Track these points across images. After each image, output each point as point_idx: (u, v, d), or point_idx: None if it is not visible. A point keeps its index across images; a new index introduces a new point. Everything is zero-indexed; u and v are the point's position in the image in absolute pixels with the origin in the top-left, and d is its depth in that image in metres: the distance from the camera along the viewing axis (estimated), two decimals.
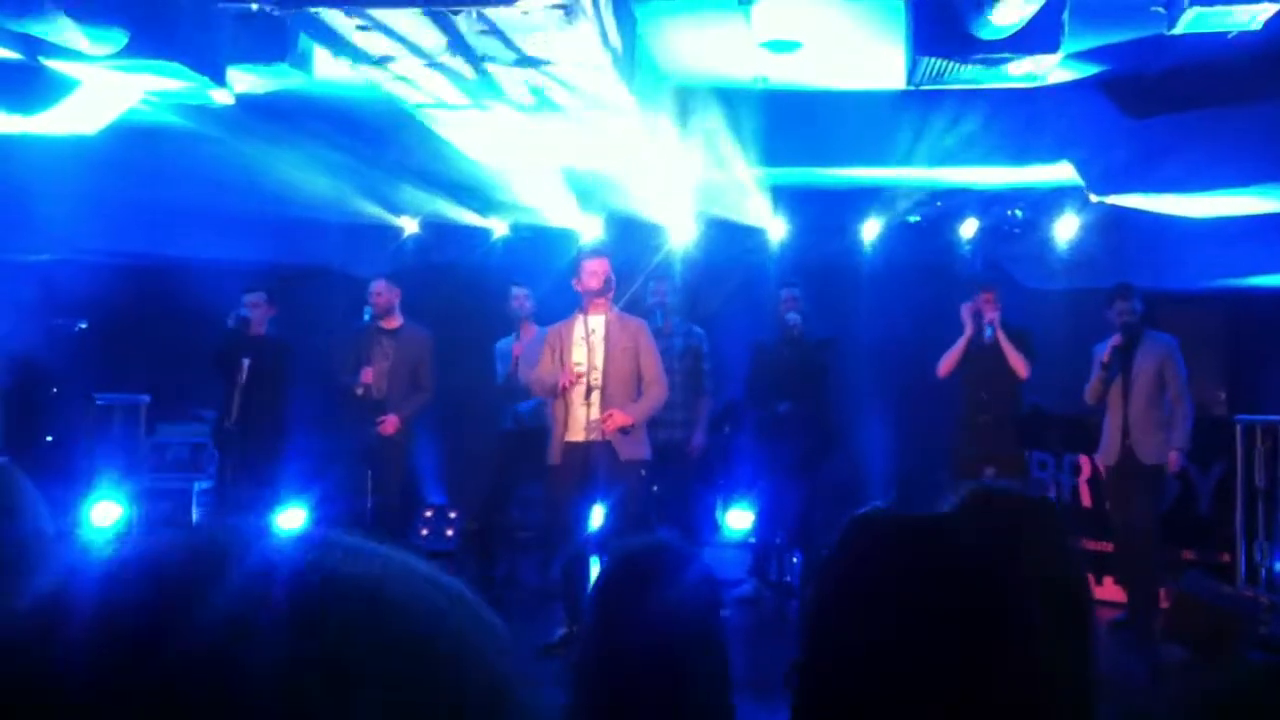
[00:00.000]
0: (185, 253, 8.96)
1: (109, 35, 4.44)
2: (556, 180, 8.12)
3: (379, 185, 8.51)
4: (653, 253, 8.98)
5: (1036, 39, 4.18)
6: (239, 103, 5.74)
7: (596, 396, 6.00)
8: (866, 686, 1.01)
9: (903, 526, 1.11)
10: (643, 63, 6.02)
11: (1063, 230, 8.80)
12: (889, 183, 8.40)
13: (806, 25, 5.81)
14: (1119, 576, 7.19)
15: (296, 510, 7.88)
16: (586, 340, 6.09)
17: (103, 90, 5.57)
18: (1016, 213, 9.05)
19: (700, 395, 7.75)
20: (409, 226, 9.68)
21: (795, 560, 7.65)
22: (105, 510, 8.46)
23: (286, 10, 4.26)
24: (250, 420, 7.14)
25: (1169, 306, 8.48)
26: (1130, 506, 6.71)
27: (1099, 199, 7.45)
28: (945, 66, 4.42)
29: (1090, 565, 7.61)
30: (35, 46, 4.69)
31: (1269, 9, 3.86)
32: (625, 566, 1.92)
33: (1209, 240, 8.11)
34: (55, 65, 4.93)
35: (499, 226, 9.67)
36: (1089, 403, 6.97)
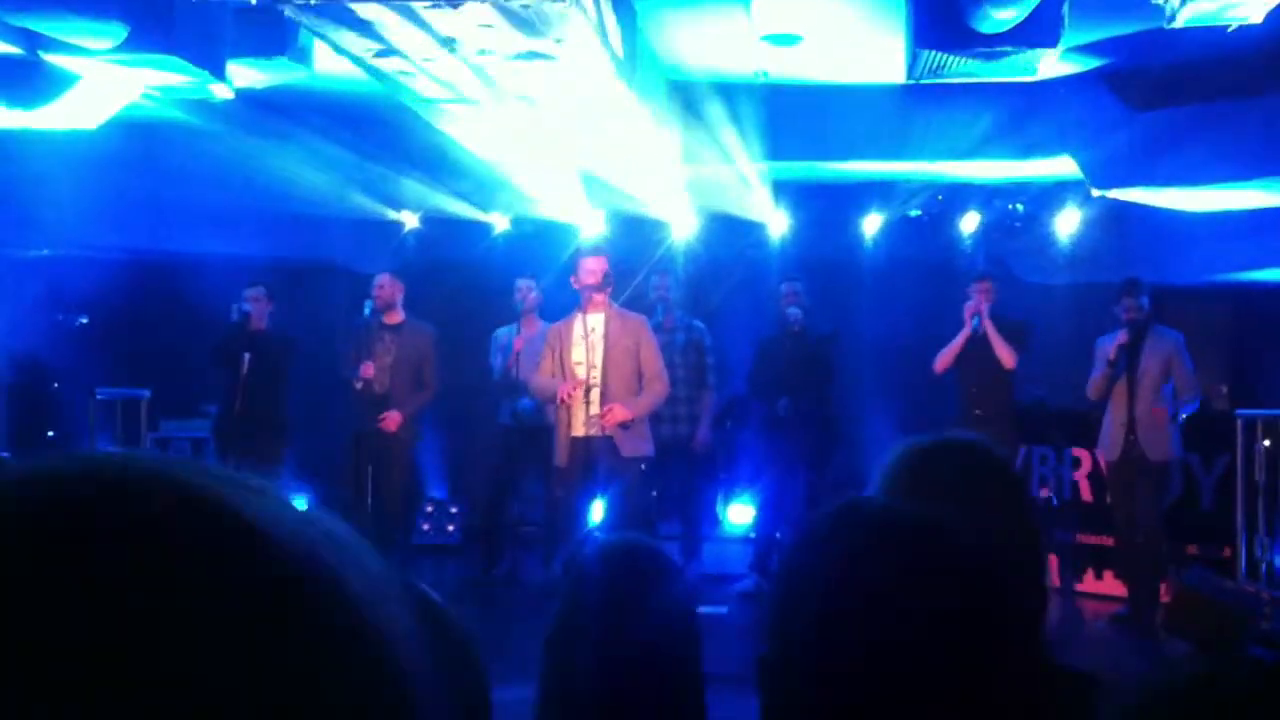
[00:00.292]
0: (186, 248, 8.96)
1: (108, 29, 4.44)
2: (558, 175, 8.11)
3: (380, 180, 8.51)
4: (654, 248, 8.98)
5: (1037, 32, 4.18)
6: (239, 97, 5.74)
7: (596, 394, 5.99)
8: (833, 678, 1.01)
9: (870, 516, 1.10)
10: (643, 57, 6.01)
11: (1064, 225, 8.79)
12: (890, 177, 8.39)
13: (807, 19, 5.80)
14: (1120, 571, 7.19)
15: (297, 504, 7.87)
16: (586, 339, 6.07)
17: (103, 85, 5.57)
18: (1018, 207, 9.04)
19: (704, 390, 7.73)
20: (410, 221, 9.68)
21: None
22: None
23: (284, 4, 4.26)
24: (251, 415, 7.15)
25: (1171, 301, 8.46)
26: (1134, 502, 6.69)
27: (1101, 193, 7.44)
28: (945, 60, 4.41)
29: (1091, 560, 7.61)
30: (35, 41, 4.70)
31: (1269, 1, 3.85)
32: (594, 566, 1.90)
33: (1211, 235, 8.09)
34: (55, 60, 4.93)
35: (500, 221, 9.66)
36: (1091, 398, 6.91)
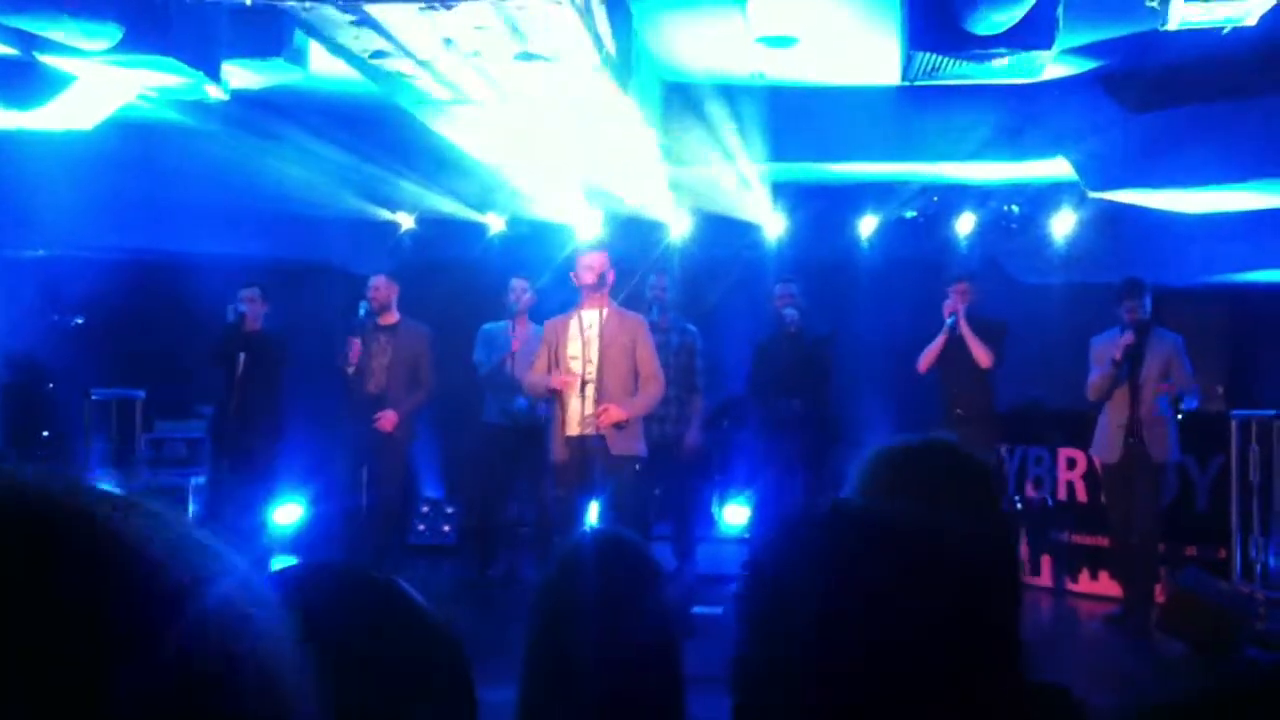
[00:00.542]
0: (182, 248, 8.95)
1: (103, 30, 4.43)
2: (553, 176, 8.11)
3: (376, 180, 8.50)
4: (650, 248, 8.98)
5: (1031, 34, 4.18)
6: (235, 98, 5.73)
7: (591, 391, 5.98)
8: (812, 680, 1.01)
9: (851, 517, 1.10)
10: (640, 58, 6.01)
11: (1060, 226, 8.81)
12: (886, 178, 8.40)
13: (803, 20, 5.81)
14: (1115, 571, 7.20)
15: (293, 505, 7.88)
16: (582, 335, 6.07)
17: (98, 86, 5.57)
18: (1014, 208, 9.05)
19: (693, 393, 7.76)
20: (406, 222, 9.67)
21: None
22: None
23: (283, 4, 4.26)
24: (247, 415, 7.15)
25: (1166, 302, 8.45)
26: (1131, 503, 6.69)
27: (1096, 194, 7.44)
28: (940, 61, 4.41)
29: (1086, 560, 7.62)
30: (30, 41, 4.69)
31: (1263, 3, 3.86)
32: (573, 562, 1.90)
33: (1206, 236, 8.11)
34: (50, 60, 4.92)
35: (496, 222, 9.66)
36: (1091, 399, 6.86)
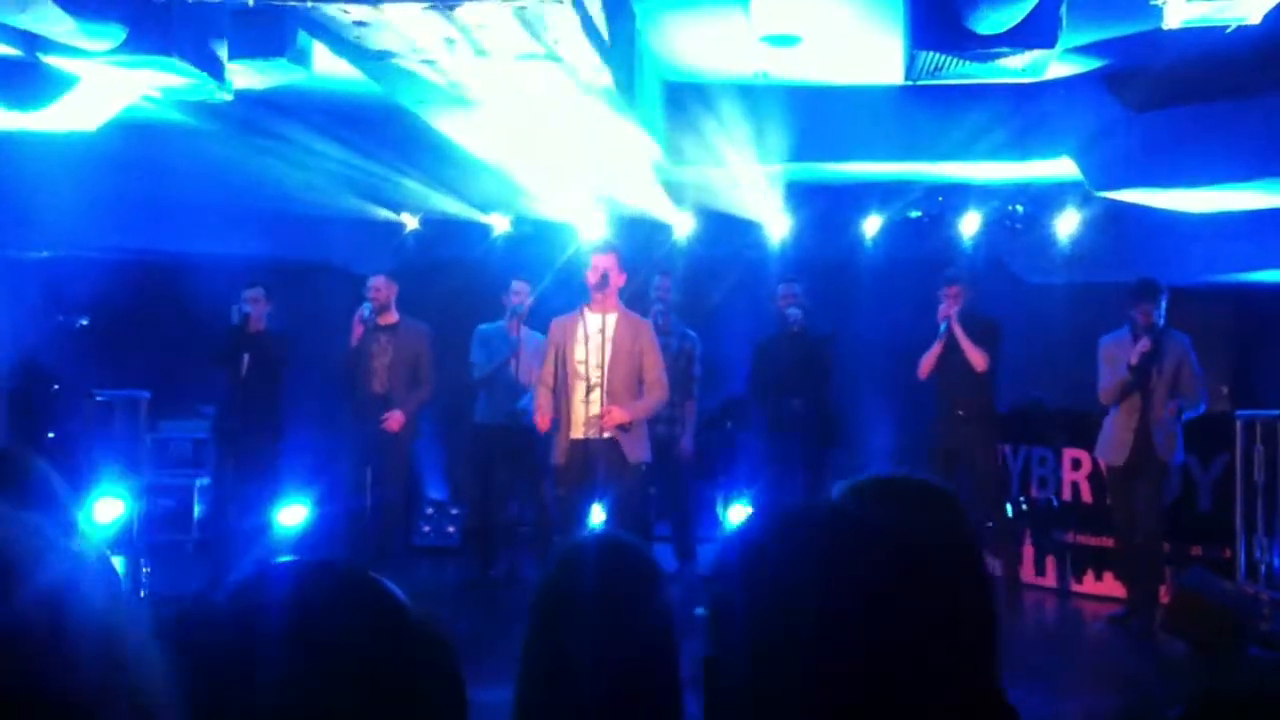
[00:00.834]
0: (186, 248, 8.97)
1: (106, 31, 4.44)
2: (557, 176, 8.11)
3: (379, 181, 8.51)
4: (653, 248, 8.97)
5: (1034, 33, 4.17)
6: (238, 98, 5.73)
7: (597, 394, 5.95)
8: (775, 680, 1.01)
9: (812, 519, 1.10)
10: (642, 58, 6.01)
11: (1064, 225, 8.79)
12: (890, 178, 8.39)
13: (807, 19, 5.80)
14: (1119, 572, 7.18)
15: (297, 506, 7.88)
16: (589, 339, 6.01)
17: (102, 86, 5.57)
18: (1018, 208, 9.03)
19: (688, 399, 7.77)
20: (409, 222, 9.68)
21: None
22: (107, 506, 8.45)
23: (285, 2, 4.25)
24: (250, 415, 7.15)
25: (1171, 302, 8.44)
26: (1136, 504, 6.68)
27: (1100, 194, 7.43)
28: (943, 61, 4.41)
29: (1090, 561, 7.60)
30: (33, 42, 4.69)
31: (1266, 1, 3.85)
32: (571, 563, 1.89)
33: (1211, 235, 8.09)
34: (53, 61, 4.92)
35: (500, 222, 9.66)
36: (1105, 403, 6.78)
